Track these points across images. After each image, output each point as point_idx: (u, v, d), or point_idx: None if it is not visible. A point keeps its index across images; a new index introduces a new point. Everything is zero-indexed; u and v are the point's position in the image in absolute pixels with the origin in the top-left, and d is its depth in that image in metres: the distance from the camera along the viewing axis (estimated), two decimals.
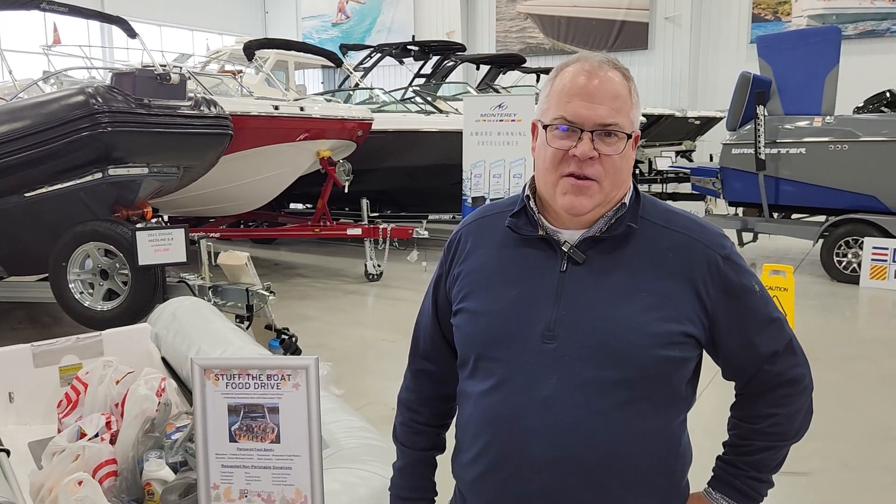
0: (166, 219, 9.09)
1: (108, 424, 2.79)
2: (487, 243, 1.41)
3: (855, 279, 7.94)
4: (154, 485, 2.42)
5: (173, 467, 2.47)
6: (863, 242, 7.86)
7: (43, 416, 3.20)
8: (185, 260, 5.06)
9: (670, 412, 1.32)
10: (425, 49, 13.19)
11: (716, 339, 1.34)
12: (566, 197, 1.29)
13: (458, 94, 11.63)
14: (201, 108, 5.70)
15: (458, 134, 8.22)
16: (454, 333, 1.43)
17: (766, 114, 8.39)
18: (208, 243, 5.70)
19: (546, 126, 1.31)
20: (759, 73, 8.64)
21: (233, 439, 1.40)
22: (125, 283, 5.31)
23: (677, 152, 15.16)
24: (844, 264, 8.09)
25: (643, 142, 14.16)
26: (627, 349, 1.25)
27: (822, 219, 8.52)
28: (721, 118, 13.96)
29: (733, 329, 1.32)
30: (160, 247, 4.91)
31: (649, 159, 14.47)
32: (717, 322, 1.32)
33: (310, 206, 11.54)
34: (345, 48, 13.82)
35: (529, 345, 1.29)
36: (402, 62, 13.42)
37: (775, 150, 8.38)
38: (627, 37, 19.85)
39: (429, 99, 10.89)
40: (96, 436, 2.67)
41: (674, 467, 1.35)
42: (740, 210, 9.51)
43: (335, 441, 2.18)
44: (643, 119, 12.57)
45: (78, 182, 5.17)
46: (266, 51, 10.52)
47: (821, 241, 8.29)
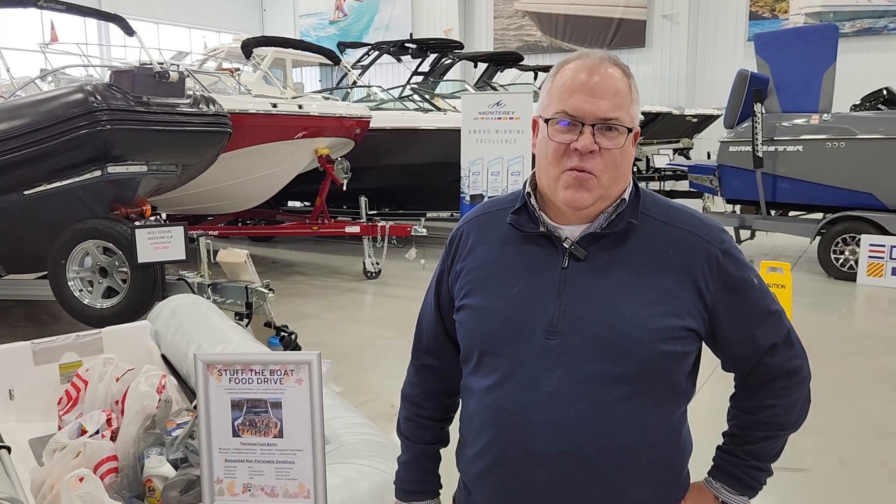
0: (164, 217, 9.09)
1: (109, 421, 2.80)
2: (489, 240, 1.42)
3: (852, 276, 7.95)
4: (155, 481, 2.42)
5: (174, 464, 2.48)
6: (860, 240, 7.87)
7: (43, 414, 3.20)
8: (184, 257, 5.06)
9: (671, 405, 1.34)
10: (423, 47, 13.16)
11: (716, 333, 1.35)
12: (567, 191, 1.30)
13: (456, 92, 11.62)
14: (200, 105, 5.70)
15: (456, 132, 8.21)
16: (457, 330, 1.44)
17: (764, 111, 8.40)
18: (207, 241, 5.70)
19: (548, 121, 1.32)
20: (756, 71, 8.64)
21: (236, 434, 1.41)
22: (124, 281, 5.31)
23: (675, 150, 15.16)
24: (841, 261, 8.11)
25: (641, 139, 14.13)
26: (629, 344, 1.27)
27: (820, 216, 8.53)
28: (718, 116, 13.94)
29: (733, 322, 1.34)
30: (159, 244, 4.90)
31: (647, 157, 14.46)
32: (717, 316, 1.33)
33: (308, 203, 11.54)
34: (342, 46, 13.83)
35: (532, 341, 1.30)
36: (399, 60, 13.41)
37: (773, 148, 8.39)
38: (625, 34, 19.86)
39: (427, 97, 10.87)
40: (97, 433, 2.67)
41: (675, 458, 1.37)
42: (738, 207, 9.52)
43: (336, 437, 2.19)
44: (641, 117, 12.57)
45: (77, 180, 5.15)
46: (264, 48, 10.49)
47: (818, 238, 8.30)
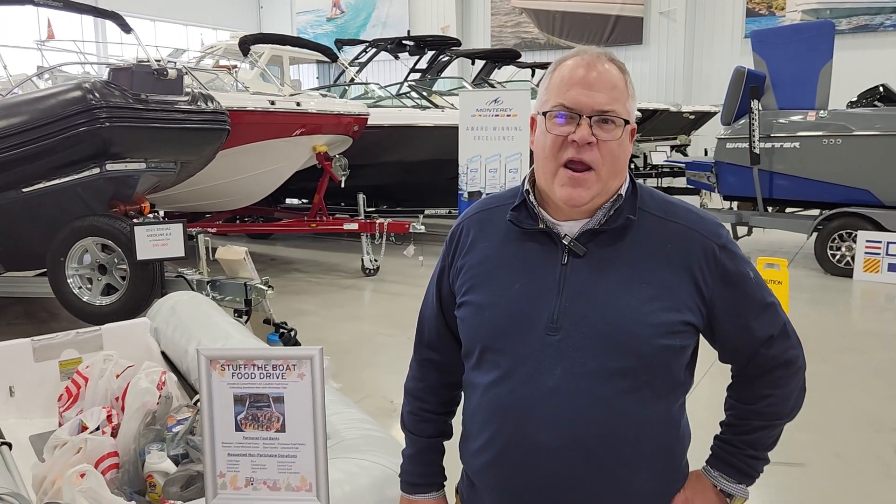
0: (162, 214, 9.08)
1: (109, 418, 2.80)
2: (489, 236, 1.43)
3: (848, 272, 7.98)
4: (156, 477, 2.43)
5: (175, 459, 2.49)
6: (856, 236, 7.90)
7: (43, 410, 3.20)
8: (183, 255, 5.06)
9: (670, 397, 1.36)
10: (421, 44, 13.16)
11: (713, 325, 1.37)
12: (564, 188, 1.31)
13: (454, 89, 11.60)
14: (198, 103, 5.70)
15: (454, 129, 8.22)
16: (458, 326, 1.46)
17: (761, 108, 8.42)
18: (206, 238, 5.70)
19: (546, 114, 1.34)
20: (753, 68, 8.66)
21: (239, 428, 1.42)
22: (123, 278, 5.31)
23: (672, 147, 15.17)
24: (838, 257, 8.14)
25: (638, 136, 14.13)
26: (629, 339, 1.28)
27: (816, 212, 8.55)
28: (715, 113, 13.96)
29: (730, 315, 1.36)
30: (158, 242, 4.91)
31: (644, 154, 14.47)
32: (714, 309, 1.35)
33: (306, 201, 11.54)
34: (340, 43, 13.82)
35: (534, 337, 1.32)
36: (397, 57, 13.40)
37: (769, 145, 8.41)
38: (622, 31, 19.85)
39: (424, 94, 10.87)
40: (97, 429, 2.67)
41: (674, 449, 1.39)
42: (735, 204, 9.53)
43: (336, 432, 2.20)
44: (638, 114, 12.57)
45: (75, 177, 5.14)
46: (261, 46, 10.49)
47: (815, 234, 8.33)
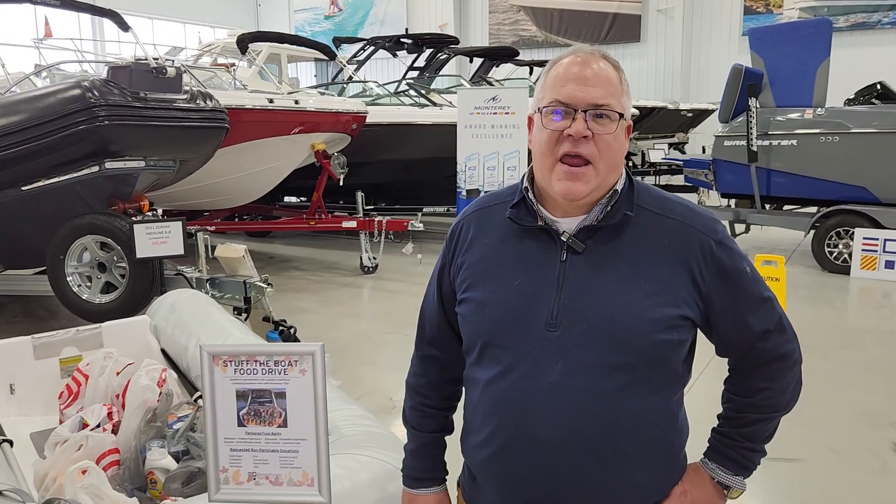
0: (160, 212, 9.09)
1: (110, 415, 2.81)
2: (489, 234, 1.45)
3: (846, 269, 8.00)
4: (157, 473, 2.45)
5: (175, 456, 2.50)
6: (853, 233, 7.91)
7: (44, 408, 3.21)
8: (182, 253, 5.06)
9: (668, 391, 1.38)
10: (419, 42, 13.15)
11: (710, 320, 1.39)
12: (562, 183, 1.33)
13: (452, 87, 11.62)
14: (197, 101, 5.70)
15: (452, 127, 8.23)
16: (459, 322, 1.47)
17: (758, 106, 8.43)
18: (205, 236, 5.71)
19: (542, 110, 1.36)
20: (750, 66, 8.68)
21: (241, 424, 1.43)
22: (123, 276, 5.32)
23: (670, 144, 15.20)
24: (835, 255, 8.15)
25: (636, 134, 14.17)
26: (628, 335, 1.30)
27: (814, 210, 8.56)
28: (713, 110, 13.99)
29: (727, 310, 1.38)
30: (158, 240, 4.91)
31: (642, 151, 14.49)
32: (711, 304, 1.37)
33: (304, 199, 11.54)
34: (338, 41, 13.81)
35: (534, 333, 1.34)
36: (395, 55, 13.39)
37: (767, 142, 8.42)
38: (620, 29, 19.86)
39: (422, 92, 10.87)
40: (98, 426, 2.68)
41: (673, 441, 1.41)
42: (732, 201, 9.55)
43: (336, 429, 2.21)
44: (636, 111, 12.58)
45: (75, 175, 5.16)
46: (259, 44, 10.48)
47: (812, 231, 8.34)
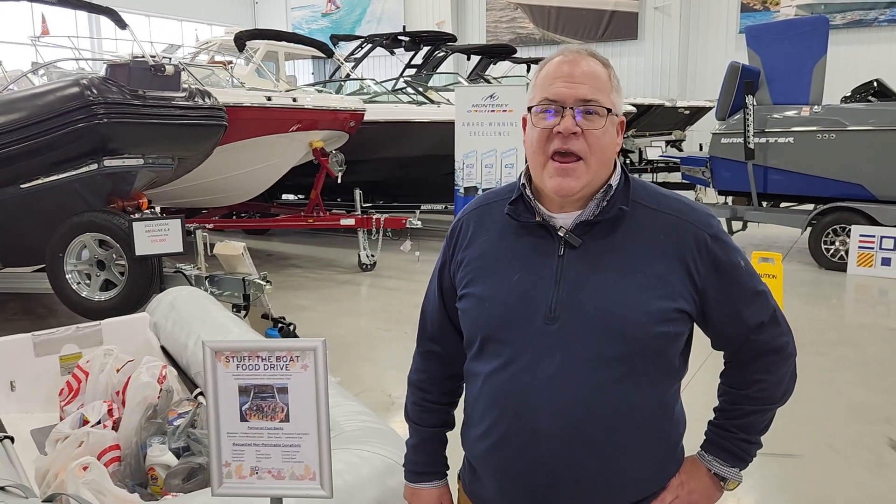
0: (158, 210, 9.09)
1: (110, 412, 2.83)
2: (488, 230, 1.47)
3: (842, 266, 8.03)
4: (157, 469, 2.46)
5: (176, 452, 2.51)
6: (850, 230, 7.94)
7: (44, 405, 3.22)
8: (181, 250, 5.08)
9: (665, 383, 1.40)
10: (416, 39, 13.15)
11: (706, 313, 1.41)
12: (553, 179, 1.35)
13: (450, 85, 11.62)
14: (196, 99, 5.71)
15: (450, 124, 8.24)
16: (460, 317, 1.49)
17: (755, 103, 8.45)
18: (204, 234, 5.72)
19: (532, 109, 1.39)
20: (748, 63, 8.70)
21: (243, 419, 1.45)
22: (122, 274, 5.33)
23: (667, 142, 15.24)
24: (832, 252, 8.18)
25: (633, 131, 14.19)
26: (625, 327, 1.32)
27: (811, 207, 8.60)
28: (710, 108, 14.03)
29: (722, 303, 1.39)
30: (157, 237, 4.93)
31: (639, 149, 14.52)
32: (706, 297, 1.39)
33: (302, 196, 11.55)
34: (335, 39, 13.80)
35: (533, 326, 1.36)
36: (392, 52, 13.39)
37: (764, 140, 8.45)
38: (617, 27, 19.88)
39: (420, 89, 10.87)
40: (98, 423, 2.70)
41: (670, 433, 1.42)
42: (730, 199, 9.58)
43: (336, 424, 2.22)
44: (633, 109, 12.60)
45: (74, 173, 5.17)
46: (256, 41, 10.47)
47: (809, 229, 8.37)
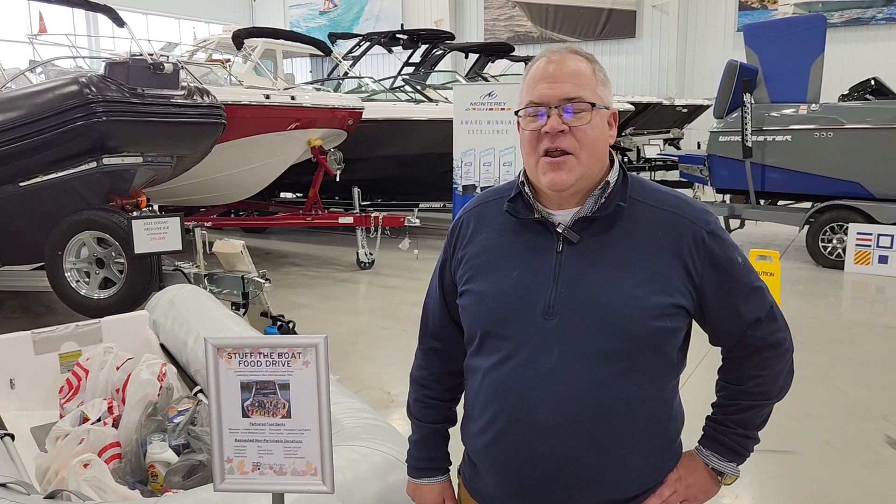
0: (156, 208, 9.09)
1: (110, 409, 2.84)
2: (488, 228, 1.49)
3: (839, 264, 8.05)
4: (158, 466, 2.47)
5: (176, 450, 2.52)
6: (847, 228, 7.96)
7: (44, 402, 3.23)
8: (180, 248, 5.08)
9: (663, 378, 1.41)
10: (414, 37, 13.14)
11: (703, 309, 1.42)
12: (546, 175, 1.37)
13: (448, 83, 11.64)
14: (194, 97, 5.72)
15: (448, 122, 8.25)
16: (460, 313, 1.51)
17: (753, 102, 8.47)
18: (203, 232, 5.73)
19: (520, 113, 1.41)
20: (745, 62, 8.71)
21: (245, 415, 1.45)
22: (121, 272, 5.33)
23: (665, 140, 15.23)
24: (829, 250, 8.21)
25: (631, 129, 14.19)
26: (623, 322, 1.33)
27: (808, 205, 8.62)
28: (708, 106, 14.03)
29: (719, 299, 1.41)
30: (156, 235, 4.93)
31: (637, 147, 14.51)
32: (704, 293, 1.40)
33: (300, 195, 11.55)
34: (333, 37, 13.78)
35: (532, 321, 1.37)
36: (390, 51, 13.38)
37: (762, 138, 8.47)
38: (615, 25, 19.87)
39: (418, 87, 10.88)
40: (98, 420, 2.71)
41: (667, 428, 1.43)
42: (727, 197, 9.61)
43: (336, 421, 2.23)
44: (631, 107, 12.60)
45: (73, 171, 5.17)
46: (254, 39, 10.48)
47: (806, 227, 8.39)
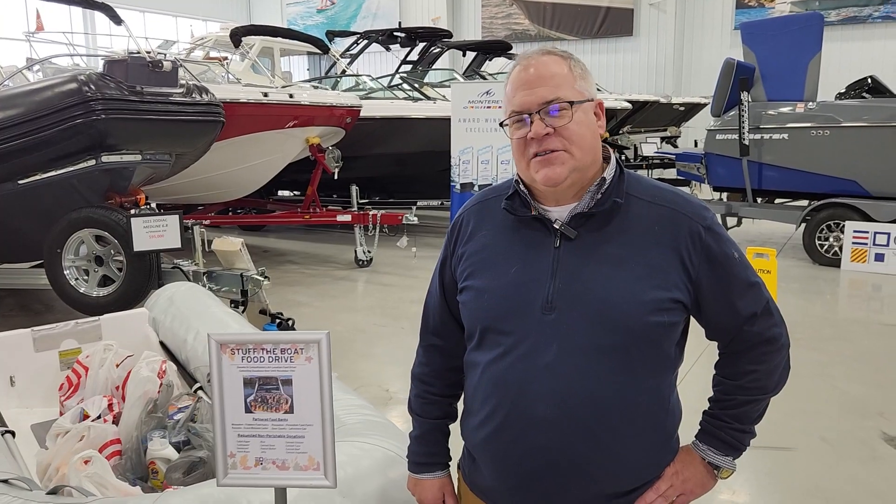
0: (154, 206, 9.09)
1: (110, 406, 2.85)
2: (488, 225, 1.51)
3: (836, 262, 8.08)
4: (158, 463, 2.48)
5: (176, 446, 2.54)
6: (844, 226, 7.99)
7: (44, 400, 3.24)
8: (179, 246, 5.08)
9: (661, 373, 1.42)
10: (412, 35, 13.14)
11: (700, 303, 1.43)
12: (540, 172, 1.39)
13: (445, 81, 11.64)
14: (193, 95, 5.72)
15: (446, 120, 8.26)
16: (460, 309, 1.53)
17: (750, 100, 8.48)
18: (202, 229, 5.73)
19: (504, 124, 1.44)
20: (742, 60, 8.73)
21: (248, 410, 1.47)
22: (120, 270, 5.34)
23: (662, 138, 15.24)
24: (826, 248, 8.23)
25: (629, 128, 14.21)
26: (621, 317, 1.35)
27: (805, 203, 8.63)
28: (705, 104, 14.03)
29: (716, 294, 1.42)
30: (155, 233, 4.94)
31: (635, 145, 14.53)
32: (700, 288, 1.41)
33: (298, 193, 11.55)
34: (331, 35, 13.80)
35: (531, 317, 1.39)
36: (388, 49, 13.39)
37: (759, 136, 8.49)
38: (612, 23, 19.88)
39: (416, 85, 10.89)
40: (99, 417, 2.72)
41: (665, 422, 1.45)
42: (724, 195, 9.63)
43: (337, 418, 2.24)
44: (628, 105, 12.61)
45: (71, 169, 5.17)
46: (252, 37, 10.47)
47: (803, 225, 8.41)
